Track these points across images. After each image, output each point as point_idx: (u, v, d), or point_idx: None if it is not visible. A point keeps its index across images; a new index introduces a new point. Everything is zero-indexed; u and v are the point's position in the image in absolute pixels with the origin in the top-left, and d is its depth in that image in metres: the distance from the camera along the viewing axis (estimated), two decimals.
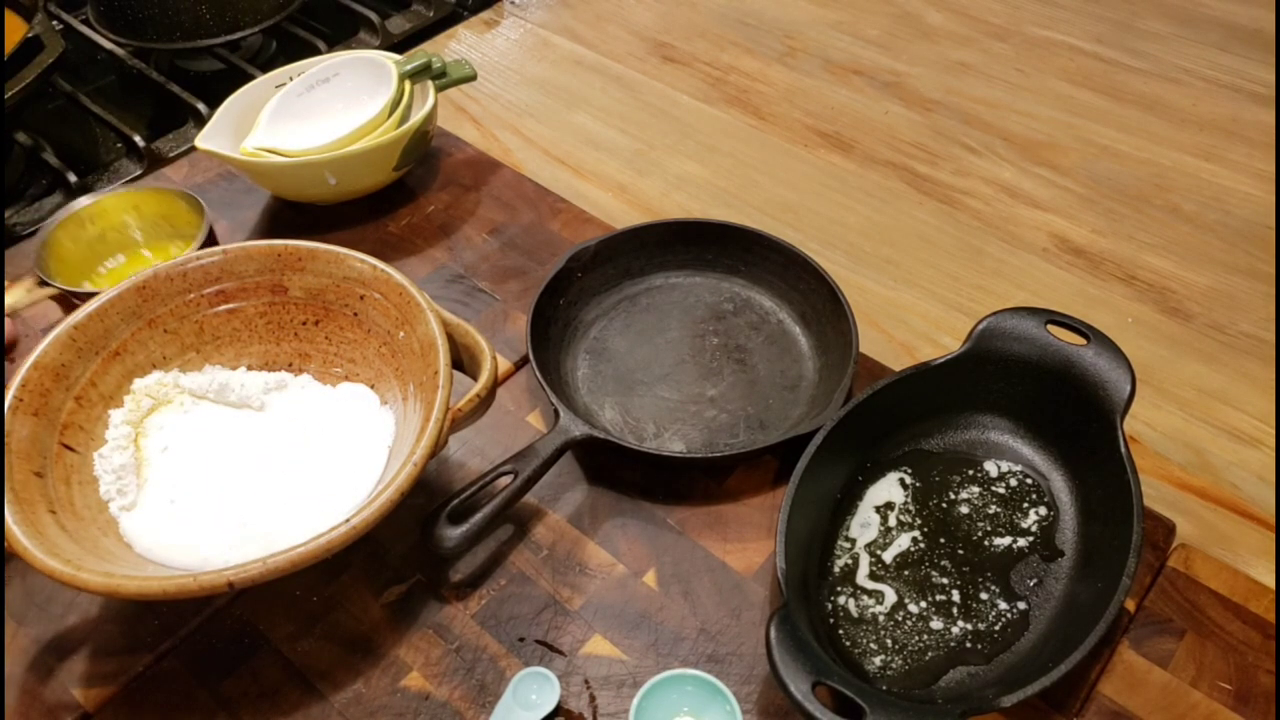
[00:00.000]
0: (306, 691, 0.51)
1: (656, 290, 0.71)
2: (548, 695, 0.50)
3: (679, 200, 0.81)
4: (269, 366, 0.61)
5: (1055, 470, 0.58)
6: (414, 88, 0.78)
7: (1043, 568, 0.55)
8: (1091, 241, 0.77)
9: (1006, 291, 0.73)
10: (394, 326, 0.58)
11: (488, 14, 1.03)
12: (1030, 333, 0.58)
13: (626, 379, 0.65)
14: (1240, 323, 0.70)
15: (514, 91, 0.93)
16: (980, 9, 1.01)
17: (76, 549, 0.47)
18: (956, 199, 0.80)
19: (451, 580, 0.55)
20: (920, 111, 0.89)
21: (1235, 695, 0.51)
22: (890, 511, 0.57)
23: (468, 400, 0.53)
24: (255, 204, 0.78)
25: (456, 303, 0.71)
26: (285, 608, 0.54)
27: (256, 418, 0.58)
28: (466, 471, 0.60)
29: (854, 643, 0.52)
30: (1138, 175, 0.82)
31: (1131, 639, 0.52)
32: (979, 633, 0.52)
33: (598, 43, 0.98)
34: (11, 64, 0.77)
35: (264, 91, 0.77)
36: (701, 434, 0.62)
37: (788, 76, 0.93)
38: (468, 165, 0.82)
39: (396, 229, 0.77)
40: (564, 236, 0.75)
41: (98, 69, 0.99)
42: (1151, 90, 0.90)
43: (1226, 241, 0.76)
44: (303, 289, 0.60)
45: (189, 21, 0.94)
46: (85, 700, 0.50)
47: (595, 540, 0.57)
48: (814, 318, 0.67)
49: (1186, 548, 0.56)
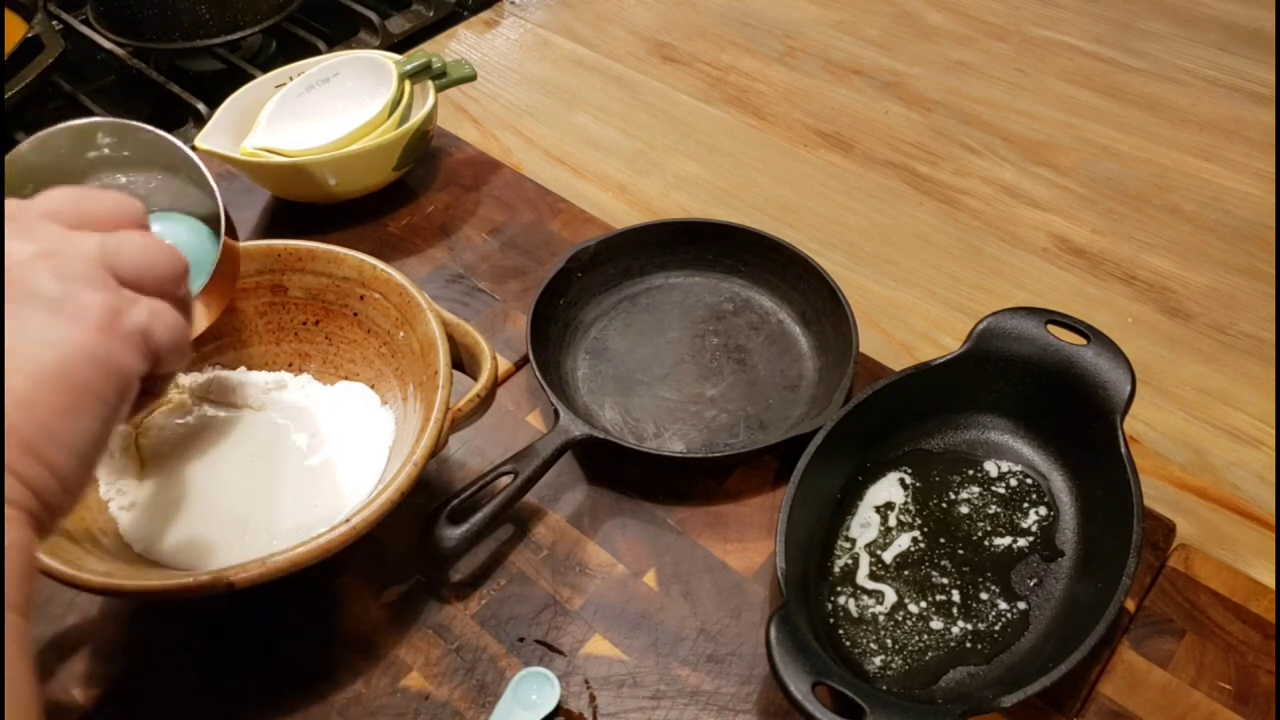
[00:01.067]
0: (306, 691, 0.51)
1: (656, 290, 0.71)
2: (548, 695, 0.50)
3: (679, 200, 0.81)
4: (269, 366, 0.61)
5: (1055, 470, 0.58)
6: (414, 88, 0.78)
7: (1043, 568, 0.55)
8: (1091, 241, 0.77)
9: (1006, 291, 0.73)
10: (394, 326, 0.58)
11: (488, 14, 1.03)
12: (1030, 333, 0.58)
13: (626, 379, 0.65)
14: (1240, 323, 0.70)
15: (514, 91, 0.93)
16: (980, 9, 1.01)
17: (76, 549, 0.47)
18: (956, 199, 0.81)
19: (451, 580, 0.55)
20: (920, 111, 0.89)
21: (1235, 695, 0.51)
22: (890, 511, 0.57)
23: (468, 400, 0.53)
24: (255, 204, 0.78)
25: (456, 303, 0.71)
26: (285, 608, 0.54)
27: (256, 418, 0.58)
28: (466, 471, 0.60)
29: (854, 643, 0.52)
30: (1138, 175, 0.82)
31: (1131, 639, 0.52)
32: (979, 633, 0.52)
33: (598, 43, 0.98)
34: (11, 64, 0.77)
35: (264, 91, 0.77)
36: (701, 434, 0.62)
37: (788, 76, 0.93)
38: (468, 165, 0.82)
39: (396, 229, 0.77)
40: (564, 236, 0.75)
41: (98, 69, 0.99)
42: (1151, 90, 0.90)
43: (1226, 241, 0.76)
44: (303, 289, 0.60)
45: (189, 21, 0.94)
46: (85, 700, 0.50)
47: (595, 540, 0.57)
48: (814, 318, 0.67)
49: (1186, 548, 0.56)
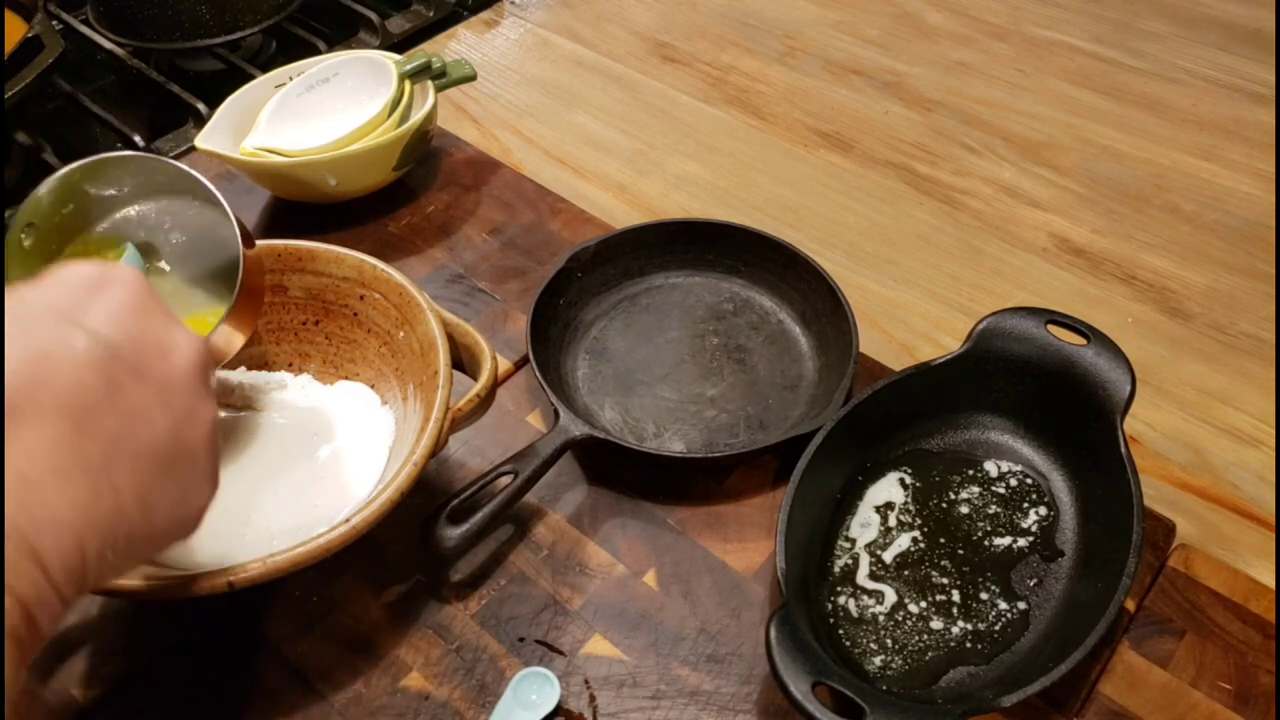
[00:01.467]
0: (306, 691, 0.51)
1: (656, 290, 0.71)
2: (548, 695, 0.50)
3: (679, 200, 0.81)
4: (269, 366, 0.61)
5: (1055, 470, 0.58)
6: (414, 88, 0.78)
7: (1043, 568, 0.55)
8: (1091, 241, 0.77)
9: (1006, 291, 0.73)
10: (394, 326, 0.58)
11: (488, 14, 1.03)
12: (1030, 333, 0.58)
13: (626, 379, 0.65)
14: (1240, 323, 0.70)
15: (514, 91, 0.93)
16: (980, 9, 1.01)
17: None
18: (956, 199, 0.81)
19: (451, 580, 0.55)
20: (920, 111, 0.89)
21: (1235, 695, 0.51)
22: (890, 511, 0.57)
23: (468, 400, 0.53)
24: (255, 204, 0.78)
25: (456, 303, 0.71)
26: (285, 608, 0.54)
27: (256, 418, 0.58)
28: (466, 471, 0.60)
29: (854, 643, 0.52)
30: (1138, 175, 0.82)
31: (1131, 639, 0.52)
32: (979, 633, 0.52)
33: (598, 43, 0.98)
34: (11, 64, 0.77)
35: (264, 91, 0.77)
36: (701, 434, 0.62)
37: (788, 76, 0.93)
38: (468, 165, 0.82)
39: (396, 229, 0.77)
40: (564, 236, 0.75)
41: (98, 69, 0.99)
42: (1151, 90, 0.90)
43: (1226, 241, 0.76)
44: (303, 289, 0.60)
45: (189, 21, 0.94)
46: (85, 700, 0.50)
47: (595, 540, 0.57)
48: (814, 318, 0.67)
49: (1186, 548, 0.56)
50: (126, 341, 0.36)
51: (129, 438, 0.35)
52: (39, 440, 0.32)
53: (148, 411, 0.36)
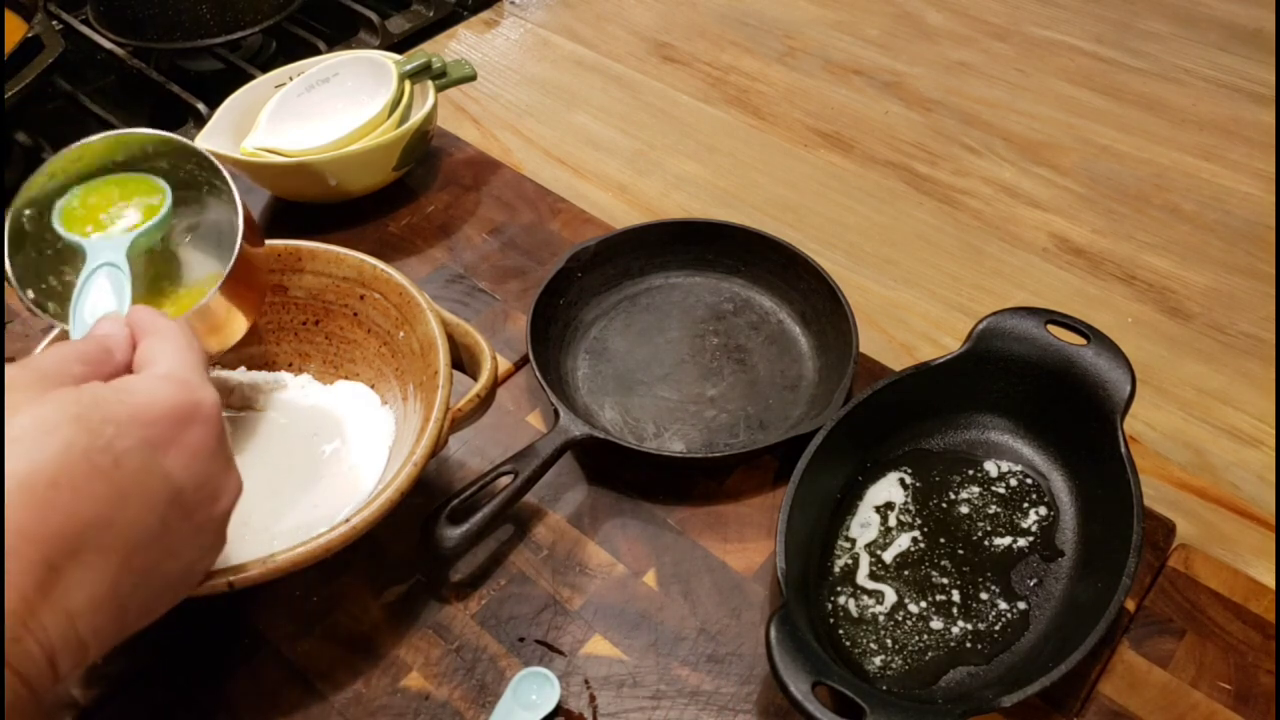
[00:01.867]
0: (306, 691, 0.51)
1: (656, 290, 0.71)
2: (548, 695, 0.50)
3: (679, 200, 0.81)
4: (269, 366, 0.61)
5: (1055, 470, 0.58)
6: (414, 88, 0.78)
7: (1043, 568, 0.55)
8: (1091, 241, 0.77)
9: (1006, 291, 0.73)
10: (394, 326, 0.58)
11: (488, 14, 1.03)
12: (1030, 333, 0.58)
13: (626, 379, 0.65)
14: (1240, 323, 0.70)
15: (514, 91, 0.93)
16: (980, 9, 1.01)
17: None
18: (956, 199, 0.81)
19: (451, 580, 0.55)
20: (920, 111, 0.89)
21: (1235, 695, 0.51)
22: (890, 511, 0.57)
23: (468, 400, 0.53)
24: (255, 204, 0.78)
25: (456, 303, 0.71)
26: (285, 608, 0.54)
27: (256, 418, 0.58)
28: (466, 471, 0.60)
29: (854, 643, 0.52)
30: (1138, 175, 0.82)
31: (1131, 639, 0.52)
32: (979, 633, 0.52)
33: (598, 43, 0.98)
34: (11, 64, 0.77)
35: (264, 91, 0.77)
36: (701, 434, 0.62)
37: (788, 76, 0.93)
38: (468, 165, 0.82)
39: (396, 229, 0.77)
40: (564, 236, 0.75)
41: (98, 69, 0.99)
42: (1151, 90, 0.91)
43: (1226, 241, 0.76)
44: (303, 289, 0.60)
45: (189, 21, 0.94)
46: (85, 700, 0.50)
47: (595, 540, 0.57)
48: (814, 318, 0.67)
49: (1186, 548, 0.56)
50: (191, 486, 0.40)
51: (157, 572, 0.39)
52: (88, 578, 0.36)
53: (181, 548, 0.40)
